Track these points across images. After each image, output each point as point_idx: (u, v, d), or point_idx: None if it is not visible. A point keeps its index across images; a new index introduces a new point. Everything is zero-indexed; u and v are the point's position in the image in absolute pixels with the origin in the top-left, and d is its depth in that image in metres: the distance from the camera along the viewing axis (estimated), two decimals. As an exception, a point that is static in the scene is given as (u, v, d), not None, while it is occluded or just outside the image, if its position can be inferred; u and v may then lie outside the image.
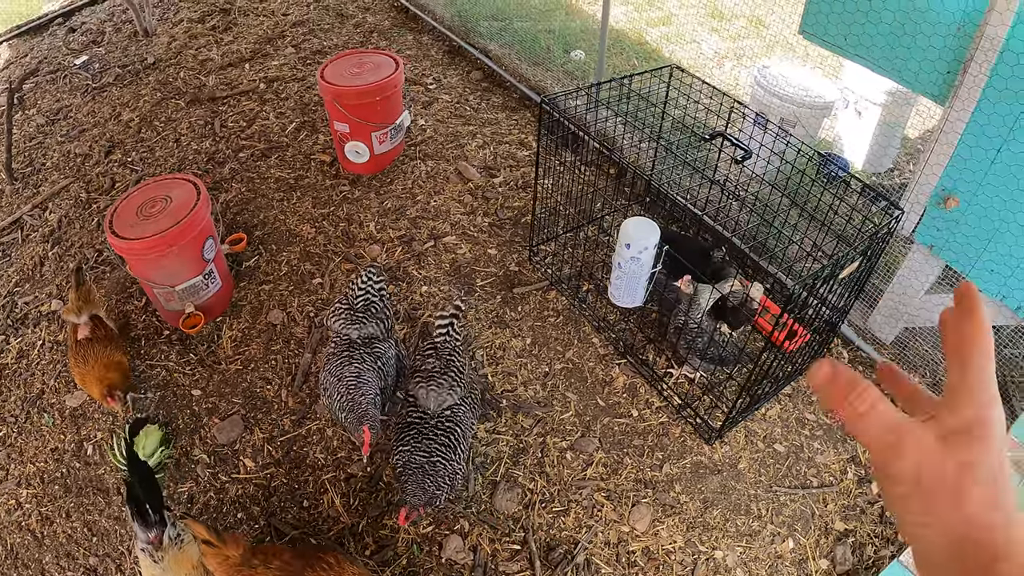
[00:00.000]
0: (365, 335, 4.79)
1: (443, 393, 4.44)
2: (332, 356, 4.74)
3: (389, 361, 4.81)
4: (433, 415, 4.41)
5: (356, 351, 4.69)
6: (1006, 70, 4.33)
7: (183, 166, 7.49)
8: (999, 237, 4.73)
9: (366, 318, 4.83)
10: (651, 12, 10.80)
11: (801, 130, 6.84)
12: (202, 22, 10.16)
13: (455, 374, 4.55)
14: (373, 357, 4.70)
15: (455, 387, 4.49)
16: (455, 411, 4.46)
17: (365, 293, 4.96)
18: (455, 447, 4.34)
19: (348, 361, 4.63)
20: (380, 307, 4.96)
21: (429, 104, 8.56)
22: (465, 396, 4.58)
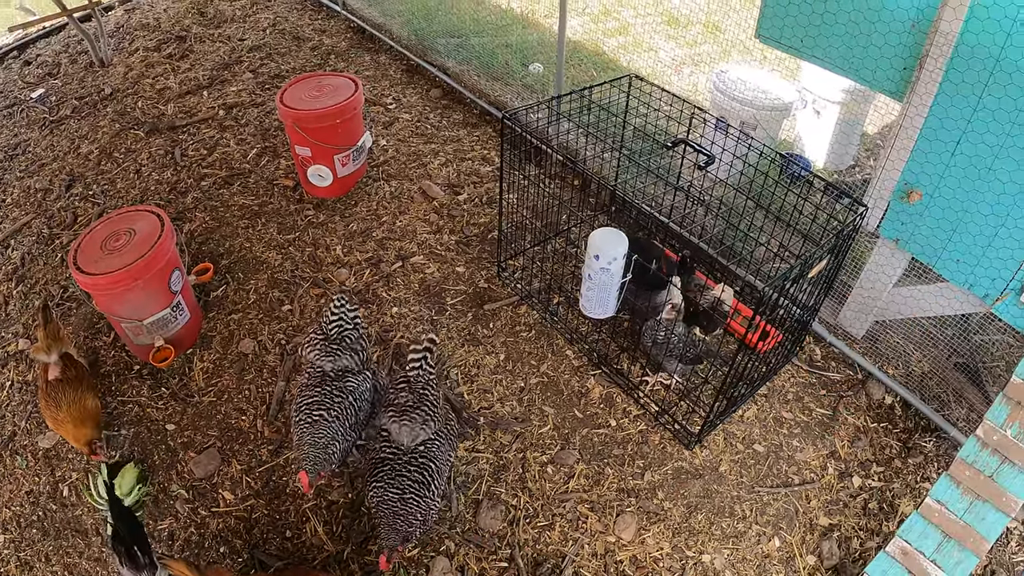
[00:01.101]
0: (339, 367, 4.77)
1: (416, 428, 4.42)
2: (303, 388, 4.72)
3: (362, 395, 4.77)
4: (407, 450, 4.39)
5: (327, 387, 4.66)
6: (961, 64, 4.39)
7: (145, 197, 7.43)
8: (963, 227, 4.79)
9: (340, 350, 4.81)
10: (607, 23, 10.85)
11: (762, 132, 6.88)
12: (158, 50, 10.09)
13: (429, 408, 4.52)
14: (344, 394, 4.66)
15: (428, 421, 4.47)
16: (429, 446, 4.44)
17: (339, 320, 4.93)
18: (429, 483, 4.32)
19: (314, 402, 4.61)
20: (355, 337, 4.93)
21: (390, 124, 8.56)
22: (440, 430, 4.55)
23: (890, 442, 5.50)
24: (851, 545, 4.91)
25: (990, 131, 4.44)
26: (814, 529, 4.97)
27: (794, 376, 5.86)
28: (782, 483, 5.19)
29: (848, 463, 5.34)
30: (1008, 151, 4.40)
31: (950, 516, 4.35)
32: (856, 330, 5.95)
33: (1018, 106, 4.25)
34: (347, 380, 4.73)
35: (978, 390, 5.65)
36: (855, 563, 4.80)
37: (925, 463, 5.37)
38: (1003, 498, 4.31)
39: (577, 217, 7.06)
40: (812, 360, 5.99)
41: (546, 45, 9.70)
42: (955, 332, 5.71)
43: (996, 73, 4.27)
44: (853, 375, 5.91)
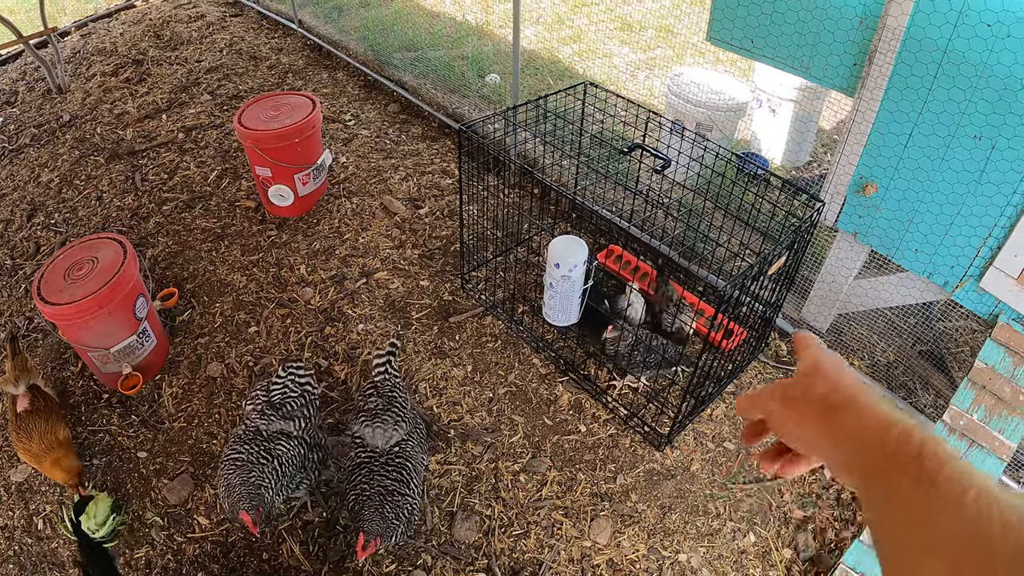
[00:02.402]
0: (274, 430, 4.69)
1: (389, 430, 4.45)
2: (234, 441, 4.66)
3: (290, 462, 4.60)
4: (382, 453, 4.41)
5: (256, 446, 4.55)
6: (909, 57, 4.47)
7: (107, 224, 7.39)
8: (919, 217, 4.87)
9: (278, 415, 4.74)
10: (562, 31, 10.90)
11: (718, 133, 6.94)
12: (115, 75, 10.05)
13: (399, 409, 4.56)
14: (270, 457, 4.53)
15: (400, 422, 4.50)
16: (403, 446, 4.46)
17: (283, 388, 4.90)
18: (408, 481, 4.33)
19: (240, 459, 4.50)
20: (298, 404, 4.86)
21: (349, 141, 8.56)
22: (412, 431, 4.58)
23: (859, 433, 5.54)
24: (826, 536, 4.95)
25: (941, 122, 4.51)
26: (789, 522, 5.01)
27: (761, 372, 5.90)
28: (754, 479, 5.23)
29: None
30: (959, 140, 4.47)
31: (920, 503, 4.38)
32: (820, 324, 6.00)
33: (967, 96, 4.33)
34: (278, 443, 4.62)
35: (944, 376, 5.71)
36: (831, 553, 4.84)
37: (895, 452, 5.41)
38: (972, 482, 4.35)
39: (538, 226, 7.09)
40: (778, 356, 6.04)
41: (502, 55, 9.75)
42: (918, 321, 5.77)
43: (944, 65, 4.34)
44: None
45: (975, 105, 4.32)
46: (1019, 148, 4.26)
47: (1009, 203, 4.43)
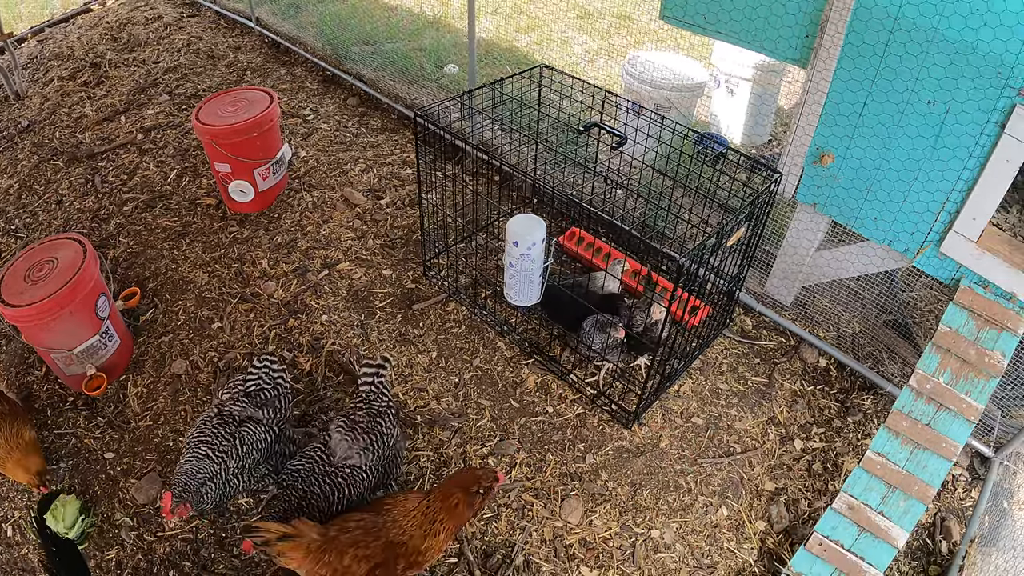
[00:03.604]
0: (245, 416, 4.71)
1: (352, 448, 4.39)
2: (203, 420, 4.67)
3: (255, 446, 4.61)
4: (332, 463, 4.36)
5: (224, 429, 4.57)
6: (861, 26, 4.49)
7: (68, 227, 7.33)
8: (877, 185, 4.89)
9: (248, 404, 4.77)
10: (519, 20, 10.89)
11: (676, 114, 6.94)
12: (73, 79, 9.95)
13: (377, 439, 4.48)
14: (234, 439, 4.54)
15: (368, 451, 4.42)
16: (354, 473, 4.37)
17: (257, 379, 4.92)
18: (332, 503, 4.28)
19: (205, 439, 4.52)
20: (271, 395, 4.90)
21: (308, 135, 8.53)
22: (374, 465, 4.48)
23: (828, 403, 5.58)
24: (799, 507, 4.98)
25: (894, 89, 4.53)
26: (761, 495, 5.04)
27: (727, 348, 5.92)
28: (724, 453, 5.25)
29: (788, 427, 5.41)
30: (914, 106, 4.49)
31: (892, 467, 4.42)
32: (784, 297, 6.02)
33: (919, 62, 4.35)
34: (246, 427, 4.63)
35: (910, 344, 5.74)
36: (805, 524, 4.87)
37: (864, 420, 5.46)
38: (943, 444, 4.40)
39: (499, 211, 7.09)
40: (743, 330, 6.05)
41: (460, 46, 9.73)
42: (882, 291, 5.79)
43: (895, 32, 4.36)
44: (785, 342, 5.98)
45: (927, 71, 4.34)
46: (972, 112, 4.28)
47: (965, 167, 4.45)
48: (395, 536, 4.08)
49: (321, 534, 4.03)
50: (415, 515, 4.11)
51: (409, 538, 4.08)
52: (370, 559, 4.02)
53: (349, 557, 3.99)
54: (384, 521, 4.12)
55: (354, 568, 4.00)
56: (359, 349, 5.86)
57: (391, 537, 4.08)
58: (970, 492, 5.14)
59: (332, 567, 3.99)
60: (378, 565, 4.04)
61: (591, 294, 5.69)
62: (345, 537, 4.04)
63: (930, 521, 4.95)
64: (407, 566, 4.11)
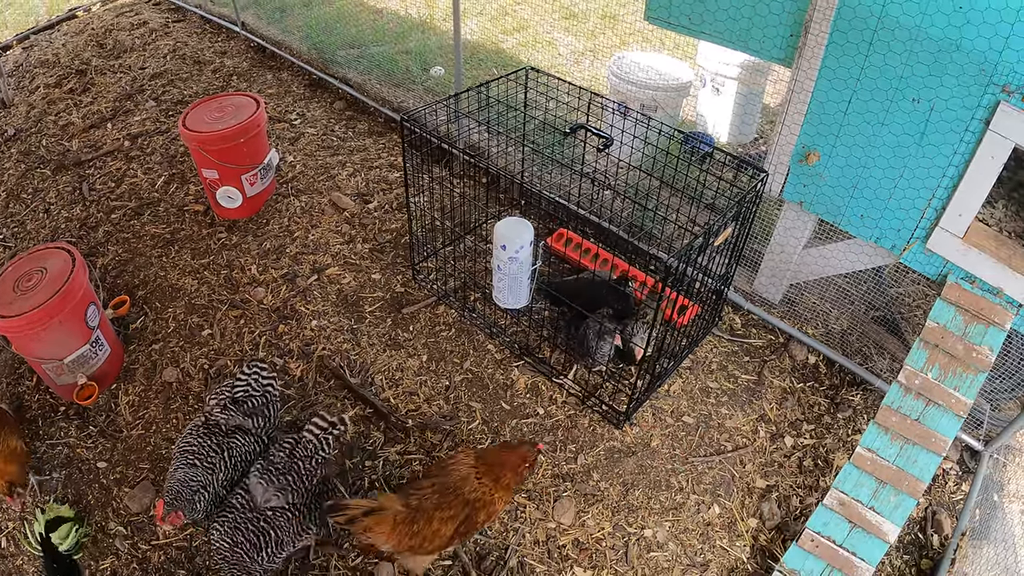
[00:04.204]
0: (233, 424, 4.71)
1: (270, 491, 4.32)
2: (192, 430, 4.66)
3: (243, 457, 4.64)
4: (255, 508, 4.30)
5: (211, 439, 4.58)
6: (844, 25, 4.52)
7: (56, 235, 7.31)
8: (863, 183, 4.92)
9: (236, 412, 4.76)
10: (505, 21, 10.90)
11: (662, 113, 6.95)
12: (59, 86, 9.92)
13: (295, 478, 4.40)
14: (221, 450, 4.56)
15: (287, 491, 4.35)
16: (277, 515, 4.30)
17: (246, 385, 4.90)
18: (261, 549, 4.22)
19: (192, 449, 4.53)
20: (259, 403, 4.88)
21: (295, 140, 8.52)
22: (299, 504, 4.39)
23: (818, 400, 5.60)
24: (791, 503, 5.01)
25: (879, 87, 4.56)
26: (752, 492, 5.06)
27: (716, 346, 5.94)
28: (715, 451, 5.27)
29: (779, 425, 5.43)
30: (898, 104, 4.52)
31: (882, 462, 4.44)
32: (772, 295, 6.04)
33: (903, 61, 4.37)
34: (234, 438, 4.64)
35: (898, 340, 5.76)
36: (797, 520, 4.90)
37: (854, 416, 5.48)
38: (932, 439, 4.41)
39: (487, 213, 7.10)
40: (732, 329, 6.07)
41: (446, 48, 9.73)
42: (869, 287, 5.81)
43: (879, 31, 4.39)
44: (774, 339, 6.00)
45: (912, 68, 4.37)
46: (957, 109, 4.30)
47: (951, 163, 4.47)
48: (469, 492, 4.27)
49: (405, 504, 4.19)
50: (481, 478, 4.32)
51: (482, 493, 4.29)
52: (455, 518, 4.22)
53: (437, 521, 4.18)
54: (454, 480, 4.30)
55: (442, 530, 4.20)
56: (349, 354, 5.86)
57: (466, 494, 4.26)
58: (960, 486, 5.17)
59: (422, 535, 4.16)
60: (461, 523, 4.24)
61: (598, 281, 5.74)
62: (428, 503, 4.21)
63: (921, 515, 4.98)
64: (486, 518, 4.33)
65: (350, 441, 5.18)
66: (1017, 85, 4.02)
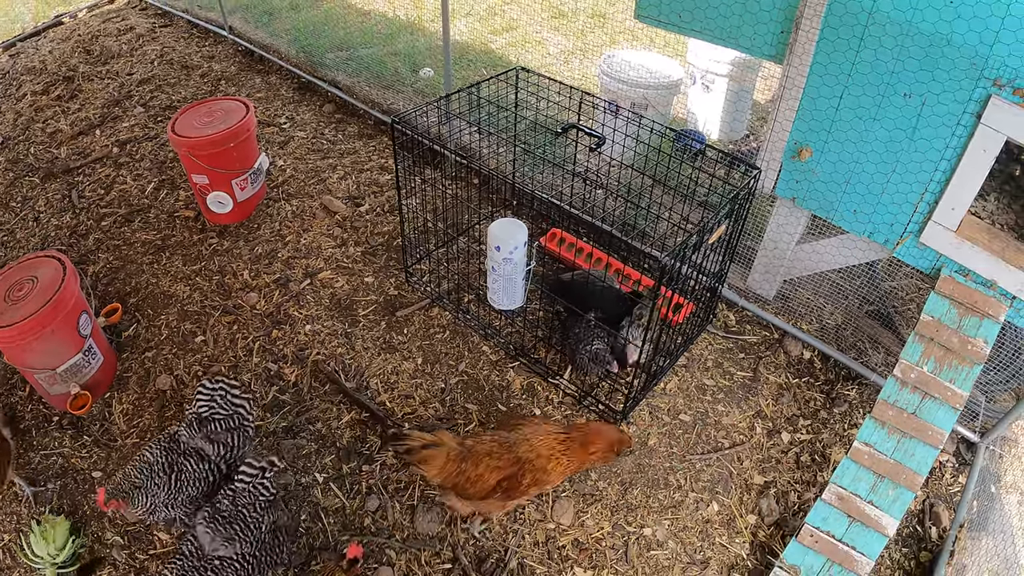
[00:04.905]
0: (192, 446, 4.58)
1: (217, 540, 4.18)
2: (154, 442, 4.59)
3: (191, 482, 4.48)
4: (203, 556, 4.18)
5: (166, 456, 4.49)
6: (835, 21, 4.52)
7: (46, 244, 7.28)
8: (855, 178, 4.93)
9: (198, 433, 4.61)
10: (494, 21, 10.90)
11: (653, 111, 6.95)
12: (46, 93, 9.89)
13: (242, 527, 4.26)
14: (170, 471, 4.45)
15: (235, 540, 4.21)
16: (226, 565, 4.18)
17: (211, 401, 4.73)
18: None
19: (146, 462, 4.45)
20: (223, 428, 4.70)
21: (285, 143, 8.51)
22: (249, 554, 4.27)
23: (813, 395, 5.61)
24: (789, 499, 5.01)
25: (870, 82, 4.57)
26: (750, 489, 5.06)
27: (711, 344, 5.94)
28: (712, 448, 5.27)
29: (775, 421, 5.43)
30: (890, 99, 4.52)
31: (880, 456, 4.44)
32: (766, 291, 6.04)
33: (894, 55, 4.38)
34: (188, 460, 4.52)
35: (893, 334, 5.77)
36: (795, 516, 4.90)
37: (850, 410, 5.49)
38: (929, 432, 4.42)
39: (480, 214, 7.09)
40: (727, 326, 6.07)
41: (435, 49, 9.73)
42: (863, 282, 5.82)
43: (870, 27, 4.39)
44: (769, 335, 6.00)
45: (903, 63, 4.37)
46: (949, 103, 4.31)
47: (943, 157, 4.48)
48: (524, 453, 4.41)
49: (460, 443, 4.47)
50: (548, 439, 4.46)
51: (536, 456, 4.41)
52: (501, 470, 4.39)
53: (483, 466, 4.38)
54: (516, 438, 4.46)
55: (486, 476, 4.38)
56: (344, 358, 5.85)
57: (520, 453, 4.41)
58: (958, 478, 5.18)
59: (467, 475, 4.38)
60: (506, 477, 4.39)
61: (608, 290, 5.73)
62: (481, 448, 4.42)
63: (919, 508, 4.98)
64: (531, 483, 4.42)
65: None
66: (1008, 79, 4.03)
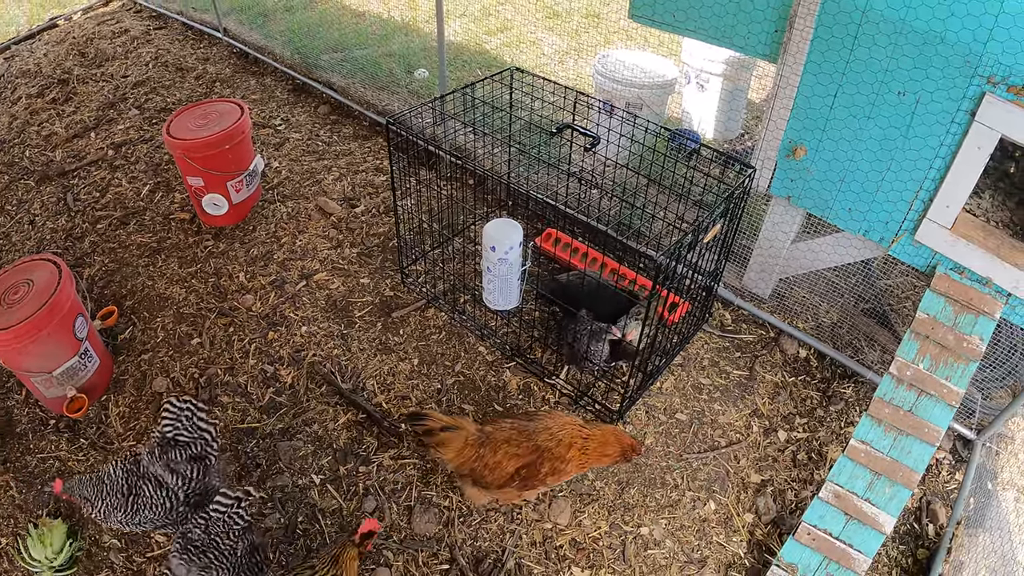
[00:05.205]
0: (151, 472, 4.45)
1: (192, 572, 4.10)
2: (116, 461, 4.53)
3: (148, 506, 4.39)
4: None
5: (122, 479, 4.40)
6: (829, 19, 4.53)
7: (42, 247, 7.28)
8: (850, 176, 4.94)
9: (159, 458, 4.50)
10: (488, 22, 10.90)
11: (647, 111, 6.95)
12: (41, 96, 9.88)
13: (216, 556, 4.17)
14: (129, 491, 4.38)
15: (210, 569, 4.12)
16: None
17: (176, 421, 4.61)
18: None
19: (98, 477, 4.42)
20: (183, 456, 4.58)
21: (280, 145, 8.50)
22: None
23: (810, 393, 5.61)
24: (786, 497, 5.01)
25: (864, 81, 4.57)
26: (747, 487, 5.07)
27: (707, 343, 5.94)
28: (709, 447, 5.28)
29: (771, 419, 5.44)
30: (884, 97, 4.53)
31: (876, 454, 4.45)
32: (762, 290, 6.05)
33: (888, 54, 4.38)
34: (146, 485, 4.41)
35: (889, 332, 5.77)
36: (792, 514, 4.90)
37: (847, 408, 5.50)
38: (925, 429, 4.42)
39: (475, 215, 7.10)
40: (723, 325, 6.08)
41: (429, 50, 9.74)
42: (859, 280, 5.83)
43: (864, 25, 4.40)
44: (765, 334, 6.01)
45: (897, 62, 4.38)
46: (943, 101, 4.32)
47: (937, 155, 4.48)
48: (544, 441, 4.44)
49: (479, 429, 4.53)
50: (570, 429, 4.48)
51: (556, 445, 4.44)
52: (519, 458, 4.44)
53: (501, 453, 4.44)
54: (536, 427, 4.49)
55: (503, 464, 4.44)
56: (340, 359, 5.85)
57: (540, 442, 4.44)
58: (954, 475, 5.18)
59: (484, 460, 4.45)
60: (524, 465, 4.44)
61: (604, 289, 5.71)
62: (500, 435, 4.48)
63: (916, 505, 4.99)
64: (549, 472, 4.45)
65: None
66: (1002, 76, 4.04)
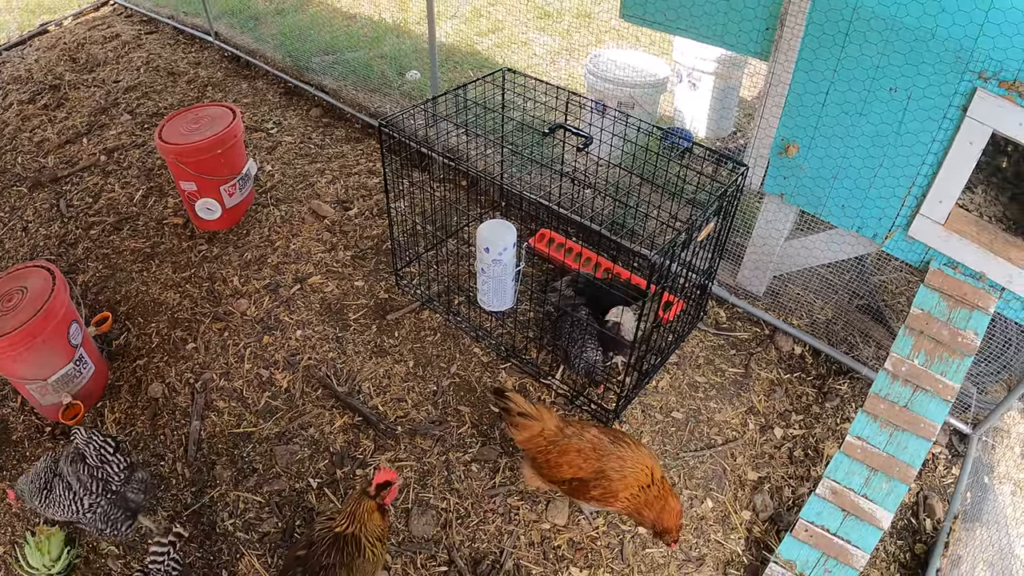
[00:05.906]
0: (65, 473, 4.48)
1: None
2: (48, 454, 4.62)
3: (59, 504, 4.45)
4: None
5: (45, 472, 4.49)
6: (820, 17, 4.54)
7: (35, 254, 7.26)
8: (842, 173, 4.95)
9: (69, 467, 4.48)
10: (479, 23, 10.90)
11: (640, 110, 6.96)
12: (33, 102, 9.86)
13: None
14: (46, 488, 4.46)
15: None
16: None
17: (86, 445, 4.56)
18: None
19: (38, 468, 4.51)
20: (84, 473, 4.51)
21: (273, 149, 8.50)
22: None
23: (805, 390, 5.62)
24: (783, 494, 5.02)
25: (856, 78, 4.58)
26: (744, 485, 5.07)
27: (702, 341, 5.94)
28: (705, 445, 5.28)
29: (767, 416, 5.44)
30: (876, 94, 4.54)
31: (872, 450, 4.45)
32: (756, 288, 6.05)
33: (879, 51, 4.39)
34: (56, 481, 4.47)
35: (883, 328, 5.78)
36: (790, 511, 4.91)
37: (842, 404, 5.50)
38: (921, 424, 4.43)
39: (468, 216, 7.09)
40: (718, 323, 6.08)
41: (420, 52, 9.74)
42: (853, 276, 5.84)
43: (855, 22, 4.41)
44: (760, 331, 6.01)
45: (888, 58, 4.38)
46: (934, 97, 4.32)
47: (929, 151, 4.49)
48: (610, 469, 4.34)
49: (559, 427, 4.50)
50: (638, 471, 4.35)
51: (620, 478, 4.32)
52: (580, 470, 4.38)
53: (566, 459, 4.40)
54: (612, 451, 4.38)
55: (563, 468, 4.41)
56: (336, 362, 5.85)
57: (605, 466, 4.34)
58: (951, 469, 5.19)
59: (548, 456, 4.45)
60: (580, 479, 4.38)
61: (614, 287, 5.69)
62: (574, 443, 4.41)
63: (913, 500, 5.00)
64: (597, 496, 4.39)
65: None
66: (993, 71, 4.04)
